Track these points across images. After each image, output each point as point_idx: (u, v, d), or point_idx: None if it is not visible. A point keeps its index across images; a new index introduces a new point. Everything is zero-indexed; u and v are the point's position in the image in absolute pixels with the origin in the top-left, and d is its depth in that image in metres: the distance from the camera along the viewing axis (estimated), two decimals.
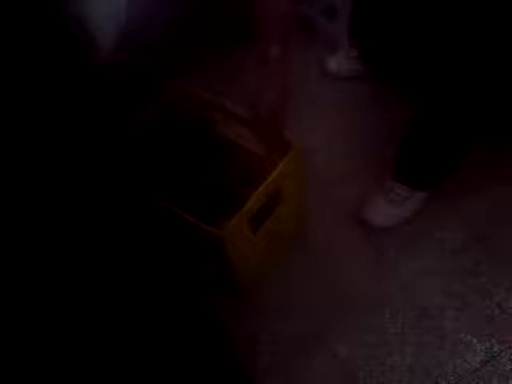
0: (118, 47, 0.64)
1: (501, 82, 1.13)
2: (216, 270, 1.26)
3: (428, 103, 1.26)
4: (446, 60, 1.14)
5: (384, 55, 1.64)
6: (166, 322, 0.82)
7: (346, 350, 1.27)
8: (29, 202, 0.59)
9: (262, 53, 1.07)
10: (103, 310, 0.70)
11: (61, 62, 0.53)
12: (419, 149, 1.33)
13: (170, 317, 0.83)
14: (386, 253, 1.40)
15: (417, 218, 1.43)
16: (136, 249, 0.83)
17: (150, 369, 0.75)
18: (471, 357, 1.23)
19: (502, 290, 1.32)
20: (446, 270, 1.36)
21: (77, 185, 0.61)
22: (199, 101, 1.33)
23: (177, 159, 1.30)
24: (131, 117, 1.13)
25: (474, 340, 1.25)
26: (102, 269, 0.72)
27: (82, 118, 0.59)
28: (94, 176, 0.63)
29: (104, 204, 0.70)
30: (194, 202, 1.21)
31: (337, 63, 1.78)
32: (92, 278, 0.69)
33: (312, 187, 1.43)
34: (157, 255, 0.88)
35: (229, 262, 1.20)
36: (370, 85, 1.73)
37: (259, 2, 1.01)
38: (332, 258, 1.40)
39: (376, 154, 1.57)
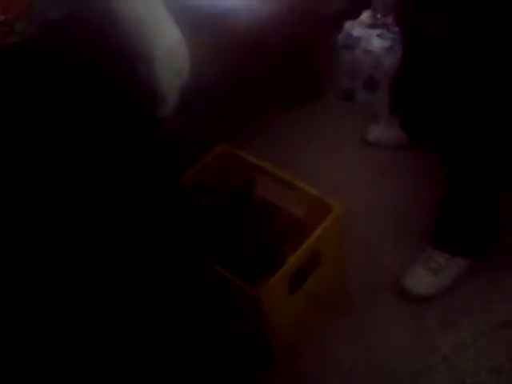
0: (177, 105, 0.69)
1: None
2: (251, 331, 1.25)
3: (461, 171, 1.30)
4: (481, 130, 1.20)
5: (425, 124, 1.67)
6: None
7: None
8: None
9: None
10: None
11: (130, 115, 0.58)
12: (455, 215, 1.35)
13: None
14: (426, 324, 1.35)
15: (459, 290, 1.39)
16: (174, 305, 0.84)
17: None
18: None
19: None
20: (490, 344, 1.30)
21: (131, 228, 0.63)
22: (242, 162, 1.38)
23: (218, 218, 1.33)
24: (181, 174, 1.18)
25: None
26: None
27: (143, 170, 0.62)
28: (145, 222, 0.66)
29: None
30: (233, 262, 1.23)
31: (377, 132, 1.82)
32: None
33: (351, 252, 1.43)
34: (193, 310, 0.89)
35: (266, 324, 1.19)
36: (408, 153, 1.75)
37: None
38: (370, 326, 1.37)
39: (415, 222, 1.56)
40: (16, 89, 0.48)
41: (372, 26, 1.83)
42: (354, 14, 1.89)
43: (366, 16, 1.86)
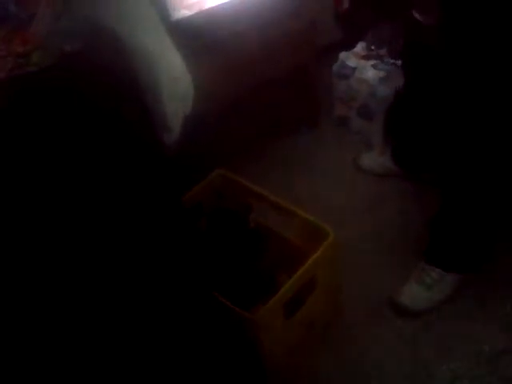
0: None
1: None
2: (246, 356, 1.25)
3: (452, 197, 1.34)
4: (472, 160, 1.24)
5: (414, 157, 1.73)
6: None
7: None
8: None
9: None
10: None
11: (137, 141, 0.60)
12: (447, 233, 1.37)
13: None
14: (422, 352, 1.35)
15: (456, 317, 1.40)
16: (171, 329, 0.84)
17: None
18: None
19: None
20: (486, 374, 1.30)
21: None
22: (239, 188, 1.40)
23: (214, 243, 1.33)
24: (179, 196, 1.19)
25: None
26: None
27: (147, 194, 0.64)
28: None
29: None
30: (228, 286, 1.23)
31: (370, 161, 1.85)
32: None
33: (344, 278, 1.44)
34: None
35: (260, 349, 1.18)
36: (400, 180, 1.79)
37: None
38: (365, 353, 1.36)
39: (407, 244, 1.58)
40: (30, 115, 0.49)
41: (367, 57, 1.88)
42: (349, 46, 1.95)
43: (360, 47, 1.92)
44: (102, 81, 0.54)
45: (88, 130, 0.53)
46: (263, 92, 1.74)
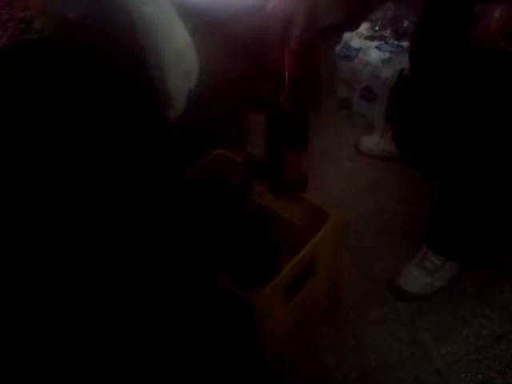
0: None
1: None
2: (244, 338, 1.24)
3: (452, 185, 1.33)
4: (472, 149, 1.23)
5: (415, 142, 1.71)
6: None
7: None
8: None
9: None
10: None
11: (140, 114, 0.58)
12: (449, 221, 1.37)
13: None
14: (420, 335, 1.36)
15: (455, 301, 1.41)
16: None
17: None
18: None
19: None
20: (483, 358, 1.31)
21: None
22: (239, 169, 1.38)
23: (215, 224, 1.32)
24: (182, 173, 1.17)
25: None
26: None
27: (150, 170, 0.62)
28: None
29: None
30: (228, 268, 1.22)
31: (371, 143, 1.84)
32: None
33: (346, 259, 1.43)
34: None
35: (259, 330, 1.18)
36: (401, 164, 1.78)
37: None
38: (363, 336, 1.37)
39: (408, 227, 1.58)
40: (29, 84, 0.48)
41: (370, 38, 1.85)
42: (353, 26, 1.92)
43: (364, 28, 1.89)
44: (106, 51, 0.52)
45: (90, 102, 0.52)
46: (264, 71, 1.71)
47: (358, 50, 1.84)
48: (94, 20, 0.50)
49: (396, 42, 1.82)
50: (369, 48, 1.82)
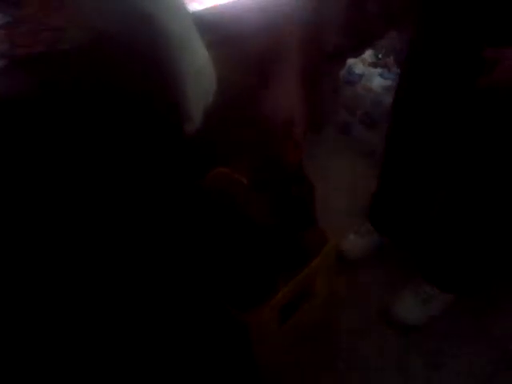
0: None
1: None
2: (238, 359, 1.23)
3: (450, 223, 1.32)
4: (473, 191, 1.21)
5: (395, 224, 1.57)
6: None
7: None
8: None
9: None
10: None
11: (161, 128, 0.59)
12: (441, 252, 1.37)
13: None
14: (413, 365, 1.35)
15: (449, 336, 1.40)
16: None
17: None
18: None
19: None
20: None
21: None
22: (239, 187, 1.38)
23: (214, 242, 1.31)
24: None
25: None
26: None
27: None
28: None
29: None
30: (225, 287, 1.21)
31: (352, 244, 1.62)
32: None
33: (341, 283, 1.43)
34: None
35: (253, 352, 1.17)
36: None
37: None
38: (354, 359, 1.36)
39: (403, 259, 1.58)
40: (56, 94, 0.48)
41: (374, 64, 1.88)
42: (358, 52, 1.94)
43: (368, 55, 1.92)
44: (133, 65, 0.52)
45: (114, 114, 0.52)
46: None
47: (361, 75, 1.86)
48: (124, 35, 0.50)
49: (398, 71, 1.84)
50: (372, 75, 1.84)
